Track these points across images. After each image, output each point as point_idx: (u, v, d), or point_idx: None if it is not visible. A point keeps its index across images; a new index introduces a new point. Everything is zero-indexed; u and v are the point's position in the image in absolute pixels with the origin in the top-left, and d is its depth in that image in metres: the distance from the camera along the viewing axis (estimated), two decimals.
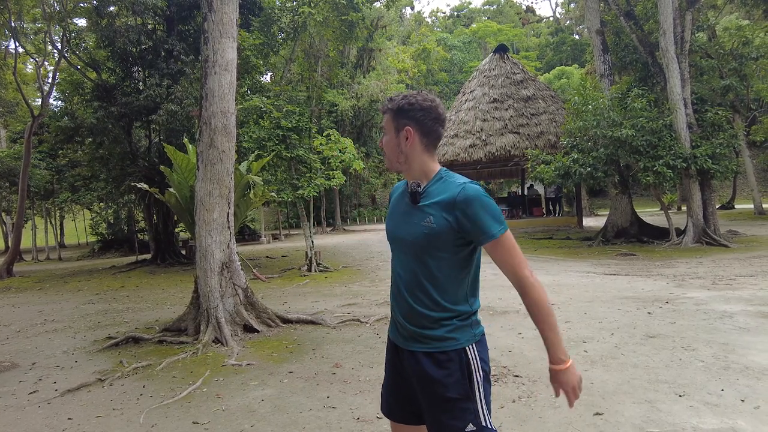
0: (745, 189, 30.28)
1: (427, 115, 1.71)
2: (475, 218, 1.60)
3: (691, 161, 12.12)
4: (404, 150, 1.74)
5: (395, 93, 1.87)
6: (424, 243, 1.66)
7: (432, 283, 1.67)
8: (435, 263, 1.66)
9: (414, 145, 1.72)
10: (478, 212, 1.60)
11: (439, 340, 1.66)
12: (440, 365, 1.66)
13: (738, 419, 3.10)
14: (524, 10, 77.66)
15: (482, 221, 1.60)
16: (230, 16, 6.39)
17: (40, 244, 28.47)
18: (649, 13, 14.56)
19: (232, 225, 6.45)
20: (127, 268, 16.11)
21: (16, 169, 20.77)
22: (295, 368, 4.68)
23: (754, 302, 6.13)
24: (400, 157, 1.76)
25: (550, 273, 9.68)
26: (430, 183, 1.72)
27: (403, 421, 1.83)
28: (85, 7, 16.02)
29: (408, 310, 1.72)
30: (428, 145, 1.74)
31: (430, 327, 1.67)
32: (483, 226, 1.60)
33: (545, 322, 1.61)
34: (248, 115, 13.12)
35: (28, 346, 6.32)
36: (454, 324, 1.66)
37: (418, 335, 1.70)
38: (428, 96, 1.75)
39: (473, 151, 18.45)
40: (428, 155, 1.74)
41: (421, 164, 1.74)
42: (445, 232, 1.63)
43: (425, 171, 1.74)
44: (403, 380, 1.80)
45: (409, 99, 1.73)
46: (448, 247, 1.65)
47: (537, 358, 4.48)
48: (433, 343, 1.67)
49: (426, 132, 1.72)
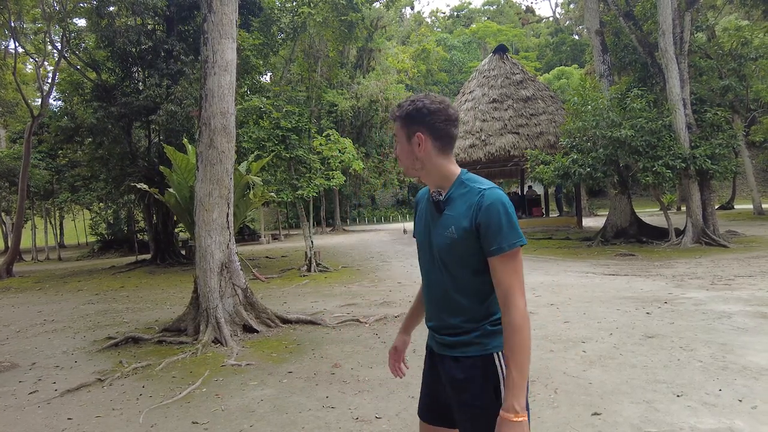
0: (745, 189, 30.32)
1: (436, 117, 1.65)
2: (489, 224, 1.55)
3: (690, 161, 12.13)
4: (419, 156, 1.69)
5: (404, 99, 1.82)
6: (449, 252, 1.64)
7: (459, 289, 1.65)
8: (461, 271, 1.64)
9: (428, 150, 1.68)
10: (493, 220, 1.54)
11: (466, 345, 1.64)
12: (464, 370, 1.64)
13: (735, 419, 3.11)
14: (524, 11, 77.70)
15: (497, 229, 1.54)
16: (230, 17, 6.40)
17: (40, 244, 28.47)
18: (648, 14, 14.57)
19: (231, 225, 6.46)
20: (127, 269, 16.12)
21: (15, 169, 20.78)
22: (295, 368, 4.69)
23: (752, 302, 6.14)
24: (416, 164, 1.71)
25: (549, 273, 9.70)
26: (452, 189, 1.68)
27: (435, 423, 1.82)
28: (85, 7, 16.04)
29: (437, 316, 1.72)
30: (442, 148, 1.68)
31: (457, 333, 1.65)
32: (495, 235, 1.54)
33: (517, 361, 1.50)
34: (248, 115, 13.13)
35: (28, 347, 6.32)
36: (484, 329, 1.63)
37: (447, 341, 1.69)
38: (436, 97, 1.69)
39: (473, 151, 18.47)
40: (444, 158, 1.69)
41: (438, 168, 1.69)
42: (468, 240, 1.60)
43: (444, 175, 1.69)
44: (439, 385, 1.78)
45: (417, 103, 1.67)
46: (472, 255, 1.61)
47: (535, 358, 4.48)
48: (460, 348, 1.66)
49: (438, 135, 1.67)
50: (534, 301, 7.01)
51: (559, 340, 5.06)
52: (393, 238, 22.42)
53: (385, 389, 3.99)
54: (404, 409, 3.58)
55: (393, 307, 7.17)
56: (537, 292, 7.68)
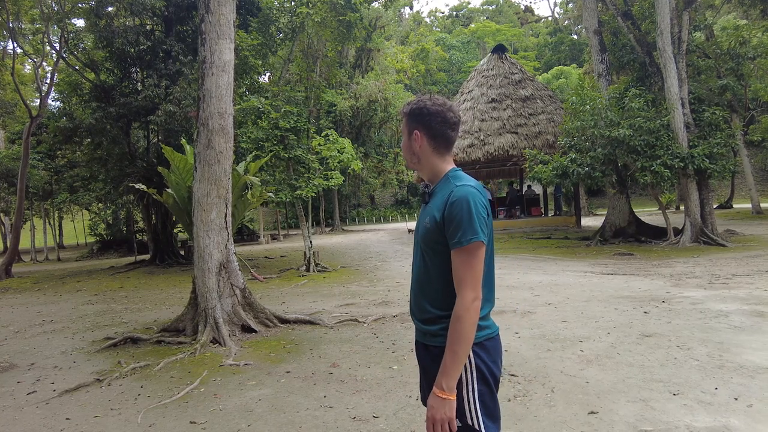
0: (744, 188, 30.35)
1: (434, 119, 1.77)
2: (451, 219, 1.64)
3: (688, 161, 12.14)
4: (415, 152, 1.83)
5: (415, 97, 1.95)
6: (425, 240, 1.75)
7: (429, 280, 1.75)
8: (431, 261, 1.74)
9: (423, 147, 1.81)
10: (457, 214, 1.63)
11: (434, 335, 1.74)
12: (433, 359, 1.74)
13: (731, 417, 3.12)
14: (523, 10, 77.71)
15: (457, 224, 1.63)
16: (227, 18, 6.41)
17: (39, 245, 28.46)
18: (646, 13, 14.58)
19: (229, 225, 6.47)
20: (126, 269, 16.12)
21: (14, 169, 20.78)
22: (293, 368, 4.70)
23: (749, 301, 6.16)
24: (413, 158, 1.85)
25: (547, 273, 9.71)
26: (438, 184, 1.80)
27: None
28: (84, 7, 16.00)
29: (414, 305, 1.84)
30: (437, 147, 1.80)
31: (428, 322, 1.75)
32: (455, 230, 1.63)
33: (452, 346, 1.60)
34: (246, 115, 13.14)
35: (27, 347, 6.33)
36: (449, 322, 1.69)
37: (421, 329, 1.80)
38: (438, 100, 1.81)
39: (471, 151, 18.49)
40: (438, 157, 1.81)
41: (431, 165, 1.82)
42: (438, 231, 1.69)
43: (435, 171, 1.82)
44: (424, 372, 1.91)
45: (419, 103, 1.80)
46: (442, 245, 1.69)
47: (533, 357, 4.50)
48: (429, 338, 1.76)
49: (433, 135, 1.79)
50: (532, 301, 7.02)
51: (557, 339, 5.08)
52: (392, 237, 22.43)
53: (382, 389, 4.00)
54: (401, 408, 3.60)
55: (391, 307, 7.18)
56: (535, 292, 7.69)
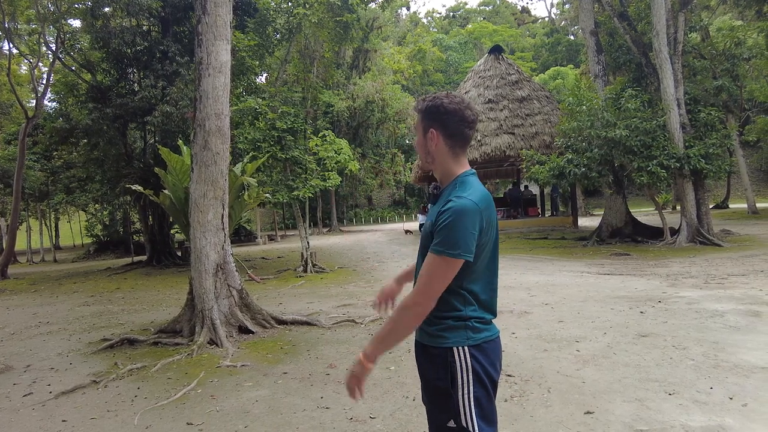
0: (739, 188, 30.46)
1: (451, 117, 1.72)
2: (439, 228, 1.63)
3: (684, 161, 12.19)
4: (431, 151, 1.78)
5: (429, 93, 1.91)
6: (425, 240, 1.74)
7: None
8: None
9: (439, 146, 1.76)
10: (442, 225, 1.62)
11: (431, 335, 1.74)
12: (428, 358, 1.75)
13: (726, 417, 3.14)
14: (520, 11, 77.85)
15: (439, 233, 1.62)
16: (224, 19, 6.40)
17: (35, 246, 28.35)
18: (642, 14, 14.63)
19: (226, 226, 6.46)
20: (123, 270, 16.09)
21: (10, 170, 20.69)
22: (290, 369, 4.70)
23: (745, 301, 6.19)
24: (428, 158, 1.81)
25: (544, 273, 9.73)
26: (447, 186, 1.77)
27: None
28: (80, 8, 15.96)
29: None
30: (453, 147, 1.76)
31: (427, 322, 1.74)
32: (437, 236, 1.63)
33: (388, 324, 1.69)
34: (243, 116, 13.12)
35: (23, 349, 6.31)
36: (446, 324, 1.71)
37: (420, 328, 1.79)
38: (456, 98, 1.75)
39: (468, 151, 18.48)
40: (453, 157, 1.77)
41: (445, 166, 1.78)
42: (431, 234, 1.69)
43: (447, 173, 1.78)
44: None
45: (436, 101, 1.75)
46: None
47: (529, 358, 4.51)
48: (427, 338, 1.76)
49: (450, 134, 1.74)
50: (529, 301, 7.04)
51: (553, 339, 5.09)
52: (389, 238, 22.42)
53: (379, 389, 4.00)
54: (398, 408, 3.60)
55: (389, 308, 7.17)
56: (532, 292, 7.71)
